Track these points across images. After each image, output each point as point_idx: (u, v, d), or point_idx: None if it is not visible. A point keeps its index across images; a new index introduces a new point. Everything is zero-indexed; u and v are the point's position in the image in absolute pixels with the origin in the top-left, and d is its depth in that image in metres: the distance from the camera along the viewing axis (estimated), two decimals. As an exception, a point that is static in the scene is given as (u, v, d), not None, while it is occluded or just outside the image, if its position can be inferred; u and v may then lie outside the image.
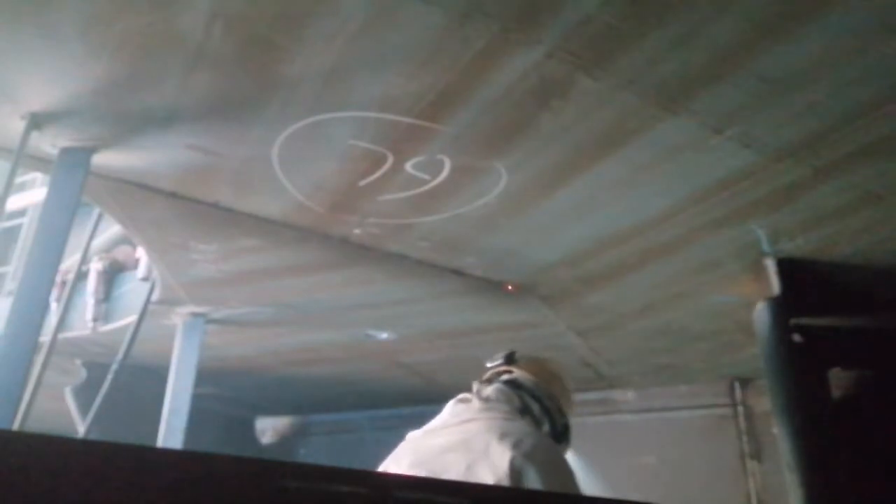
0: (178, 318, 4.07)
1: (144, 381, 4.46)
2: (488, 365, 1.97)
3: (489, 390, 1.82)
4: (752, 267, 3.05)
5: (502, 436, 1.59)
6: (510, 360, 1.95)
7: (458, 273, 3.33)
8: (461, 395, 1.84)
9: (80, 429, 4.47)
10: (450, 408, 1.82)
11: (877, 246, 2.84)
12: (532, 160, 2.38)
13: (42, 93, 2.13)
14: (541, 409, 1.83)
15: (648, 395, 5.05)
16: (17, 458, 0.66)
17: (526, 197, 2.62)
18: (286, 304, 3.84)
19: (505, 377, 1.89)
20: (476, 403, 1.77)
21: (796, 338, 3.18)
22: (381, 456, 1.80)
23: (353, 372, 5.22)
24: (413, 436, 1.82)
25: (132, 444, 0.74)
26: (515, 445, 1.56)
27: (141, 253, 3.91)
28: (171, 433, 3.89)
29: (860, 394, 3.76)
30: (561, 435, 1.87)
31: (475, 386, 1.88)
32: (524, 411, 1.79)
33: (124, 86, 2.05)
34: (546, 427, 1.82)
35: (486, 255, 3.17)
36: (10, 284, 5.40)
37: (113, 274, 4.43)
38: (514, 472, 1.51)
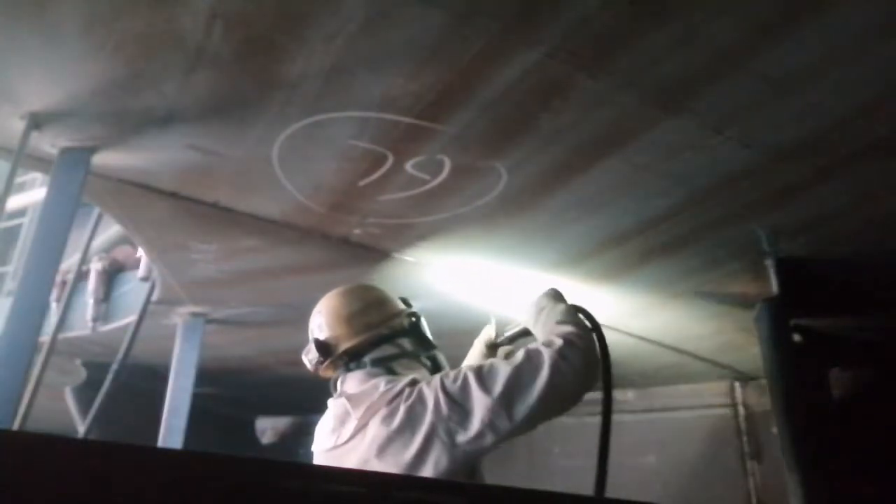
0: (178, 318, 4.07)
1: (144, 380, 4.46)
2: (309, 360, 1.76)
3: (349, 381, 1.68)
4: (752, 267, 3.05)
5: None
6: (324, 346, 1.72)
7: (458, 273, 3.33)
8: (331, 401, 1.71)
9: (80, 429, 4.47)
10: (332, 415, 1.67)
11: (877, 246, 2.84)
12: (532, 160, 2.38)
13: (42, 93, 2.13)
14: (377, 359, 1.67)
15: (648, 395, 5.06)
16: (17, 458, 0.66)
17: (526, 197, 2.62)
18: (286, 304, 3.83)
19: (344, 359, 1.71)
20: (349, 405, 1.61)
21: (796, 338, 3.18)
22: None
23: (353, 372, 5.21)
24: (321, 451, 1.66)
25: (132, 444, 0.74)
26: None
27: (141, 253, 3.91)
28: (171, 433, 3.89)
29: (860, 394, 3.77)
30: (410, 332, 1.74)
31: (336, 379, 1.73)
32: (382, 372, 1.64)
33: (124, 86, 2.05)
34: (402, 358, 1.70)
35: (486, 255, 3.17)
36: (10, 284, 5.40)
37: (113, 274, 4.42)
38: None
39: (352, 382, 1.68)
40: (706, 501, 4.59)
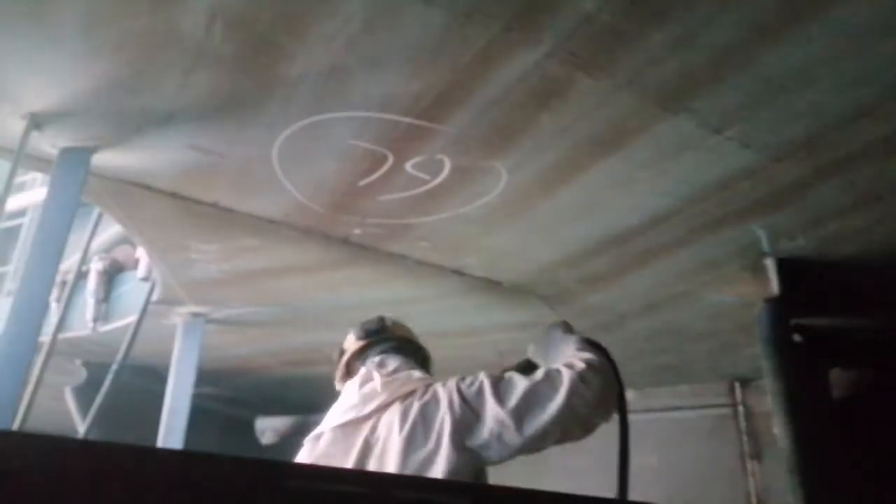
0: (178, 318, 4.07)
1: (144, 380, 4.46)
2: (362, 333, 1.97)
3: (390, 361, 1.82)
4: (752, 267, 3.05)
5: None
6: (384, 326, 1.98)
7: (458, 273, 3.33)
8: (363, 374, 1.78)
9: (80, 429, 4.47)
10: (357, 391, 1.73)
11: (877, 246, 2.84)
12: (532, 160, 2.37)
13: (42, 93, 2.13)
14: (420, 358, 1.94)
15: (649, 395, 5.05)
16: (17, 458, 0.66)
17: (526, 197, 2.62)
18: (286, 304, 3.84)
19: (391, 343, 1.92)
20: (381, 382, 1.70)
21: (796, 338, 3.18)
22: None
23: (353, 372, 5.21)
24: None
25: (132, 444, 0.74)
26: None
27: (141, 253, 3.91)
28: (171, 433, 3.89)
29: (860, 394, 3.76)
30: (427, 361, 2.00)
31: (372, 361, 1.83)
32: (418, 365, 1.86)
33: (124, 86, 2.05)
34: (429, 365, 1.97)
35: (485, 255, 3.17)
36: (10, 284, 5.40)
37: (113, 274, 4.43)
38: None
39: (389, 359, 1.82)
40: (706, 501, 4.59)
